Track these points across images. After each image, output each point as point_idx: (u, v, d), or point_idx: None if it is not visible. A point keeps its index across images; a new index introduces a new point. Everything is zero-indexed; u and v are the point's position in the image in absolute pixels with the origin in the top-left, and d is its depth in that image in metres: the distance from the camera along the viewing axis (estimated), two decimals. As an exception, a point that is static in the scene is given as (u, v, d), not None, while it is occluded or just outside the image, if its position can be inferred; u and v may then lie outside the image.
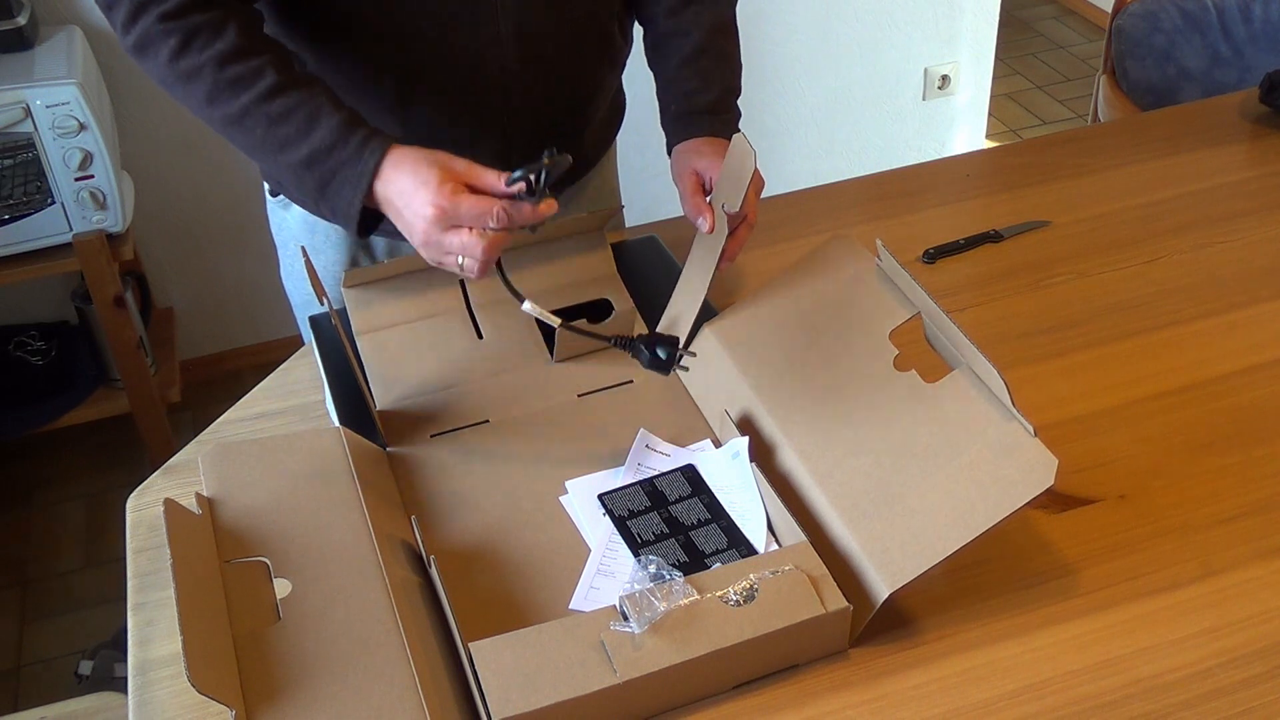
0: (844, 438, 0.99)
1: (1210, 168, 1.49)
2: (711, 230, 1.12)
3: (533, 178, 0.93)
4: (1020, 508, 0.87)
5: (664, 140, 1.25)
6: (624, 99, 1.40)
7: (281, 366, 1.23)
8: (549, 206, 0.94)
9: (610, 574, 0.95)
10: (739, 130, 1.11)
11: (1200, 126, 1.58)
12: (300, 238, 1.30)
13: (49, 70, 2.00)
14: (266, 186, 1.32)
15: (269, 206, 1.34)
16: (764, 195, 1.48)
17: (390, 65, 1.13)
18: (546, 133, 1.22)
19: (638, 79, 1.37)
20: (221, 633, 0.86)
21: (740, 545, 0.97)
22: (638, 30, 1.30)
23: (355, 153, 0.98)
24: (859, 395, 1.01)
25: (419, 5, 1.09)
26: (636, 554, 0.96)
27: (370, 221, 1.01)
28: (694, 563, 0.96)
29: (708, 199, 1.14)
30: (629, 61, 1.35)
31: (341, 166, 0.98)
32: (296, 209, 1.29)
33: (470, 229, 0.94)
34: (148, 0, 0.99)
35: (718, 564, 0.94)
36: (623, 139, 1.43)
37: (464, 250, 0.95)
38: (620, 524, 0.99)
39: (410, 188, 0.95)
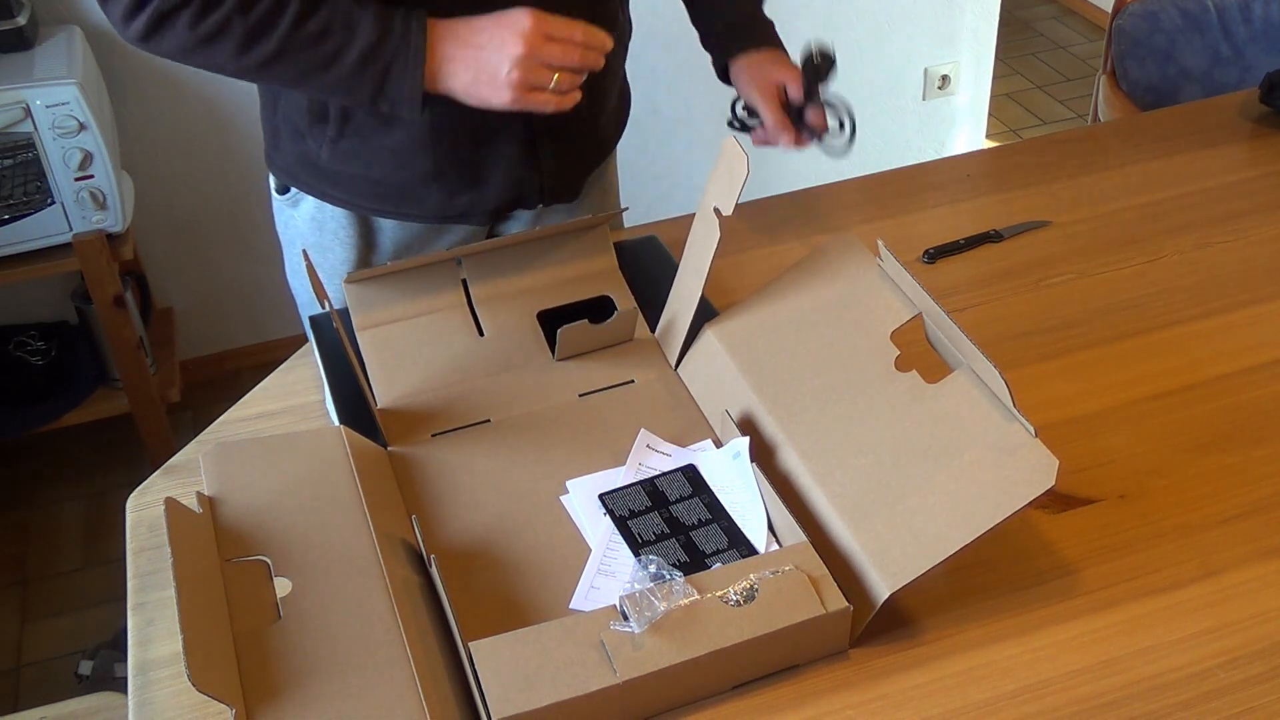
0: (845, 438, 0.99)
1: (1210, 168, 1.49)
2: (791, 144, 1.25)
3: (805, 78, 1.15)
4: (1021, 508, 0.87)
5: (666, 141, 1.25)
6: (629, 92, 1.40)
7: (281, 366, 1.23)
8: (609, 40, 1.06)
9: (610, 574, 0.96)
10: (732, 138, 1.13)
11: (1200, 126, 1.58)
12: (307, 236, 1.30)
13: (49, 70, 2.00)
14: (273, 185, 1.31)
15: (275, 205, 1.33)
16: (764, 195, 1.49)
17: None
18: (569, 116, 1.22)
19: (636, 78, 1.37)
20: (222, 632, 0.86)
21: (740, 545, 0.97)
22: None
23: (402, 39, 1.03)
24: (860, 395, 1.01)
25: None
26: (637, 554, 0.96)
27: (428, 101, 1.07)
28: (694, 563, 0.96)
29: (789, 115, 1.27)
30: (626, 61, 1.35)
31: (395, 57, 1.03)
32: (304, 206, 1.29)
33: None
34: None
35: (718, 564, 0.94)
36: (623, 139, 1.43)
37: (564, 58, 1.03)
38: (621, 524, 0.99)
39: (492, 22, 1.03)
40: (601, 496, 1.02)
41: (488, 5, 1.08)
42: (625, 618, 0.86)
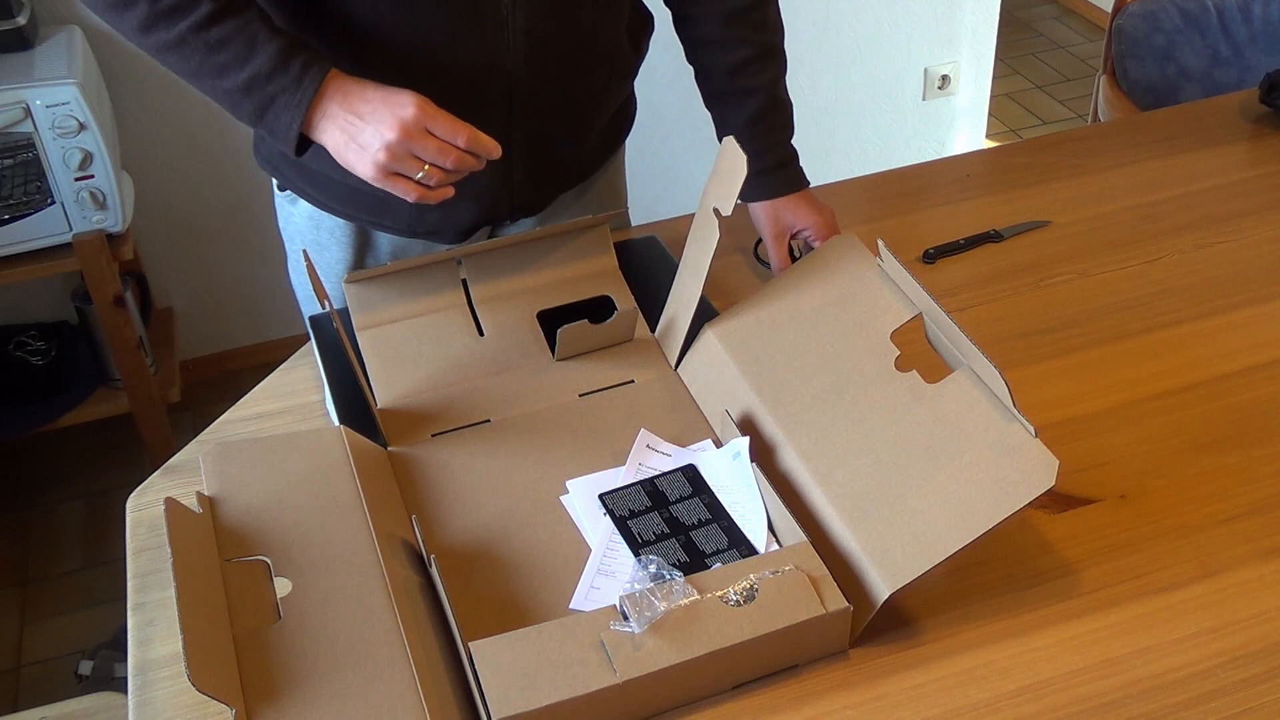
0: (845, 438, 0.99)
1: (1210, 168, 1.49)
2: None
3: None
4: (1021, 508, 0.87)
5: (666, 141, 1.25)
6: (634, 106, 1.39)
7: (281, 366, 1.23)
8: (497, 149, 1.03)
9: (610, 574, 0.96)
10: (732, 139, 1.12)
11: (1200, 126, 1.58)
12: (305, 234, 1.30)
13: (49, 70, 2.00)
14: (275, 182, 1.31)
15: (276, 201, 1.33)
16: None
17: (396, 75, 1.13)
18: (548, 141, 1.22)
19: (636, 78, 1.37)
20: (222, 632, 0.86)
21: (741, 545, 0.97)
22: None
23: (295, 80, 1.01)
24: (860, 395, 1.01)
25: (426, 17, 1.09)
26: (637, 554, 0.96)
27: (305, 144, 1.06)
28: (694, 562, 0.96)
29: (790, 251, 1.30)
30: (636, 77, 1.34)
31: (281, 93, 1.02)
32: (303, 205, 1.29)
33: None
34: None
35: (718, 564, 0.94)
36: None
37: (436, 156, 1.01)
38: (621, 524, 0.99)
39: (383, 94, 1.01)
40: (601, 496, 1.02)
41: (387, 66, 1.07)
42: (625, 618, 0.86)
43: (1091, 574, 0.96)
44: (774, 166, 1.30)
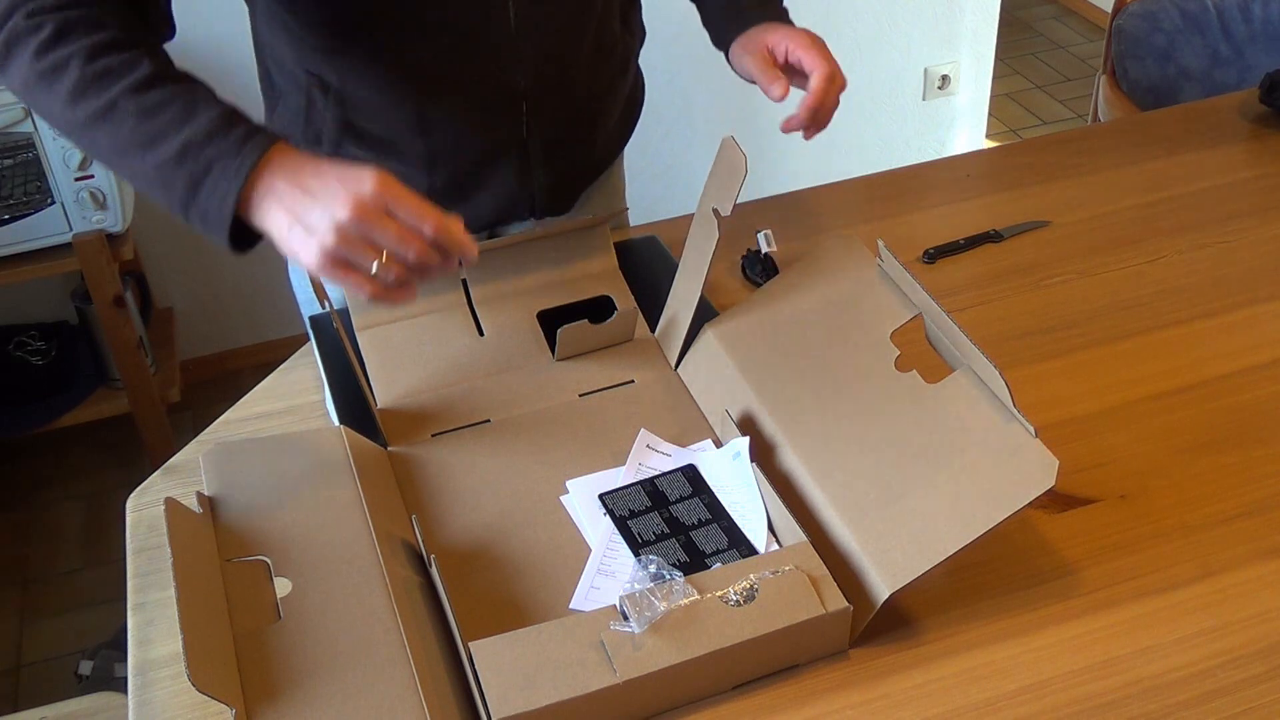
0: (845, 438, 0.99)
1: (1210, 168, 1.49)
2: (782, 97, 1.15)
3: None
4: (1021, 508, 0.87)
5: (666, 141, 1.25)
6: (642, 87, 1.38)
7: (281, 366, 1.23)
8: (473, 250, 0.87)
9: (610, 574, 0.95)
10: (730, 138, 1.10)
11: (1200, 126, 1.58)
12: None
13: (49, 70, 2.00)
14: None
15: None
16: (764, 196, 1.49)
17: (408, 96, 1.13)
18: (565, 143, 1.22)
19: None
20: (222, 631, 0.86)
21: (741, 545, 0.97)
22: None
23: (235, 144, 0.86)
24: (860, 395, 1.01)
25: (434, 41, 1.09)
26: (637, 554, 0.96)
27: (244, 236, 0.90)
28: (694, 562, 0.96)
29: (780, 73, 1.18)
30: (635, 68, 1.34)
31: (220, 157, 0.86)
32: None
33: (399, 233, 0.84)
34: (10, 8, 0.89)
35: (718, 564, 0.94)
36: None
37: (397, 243, 0.83)
38: (621, 524, 0.99)
39: (336, 172, 0.85)
40: (601, 496, 1.02)
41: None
42: (625, 618, 0.86)
43: (1091, 574, 0.96)
44: (754, 4, 1.20)
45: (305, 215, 0.84)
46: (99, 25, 0.89)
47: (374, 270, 0.84)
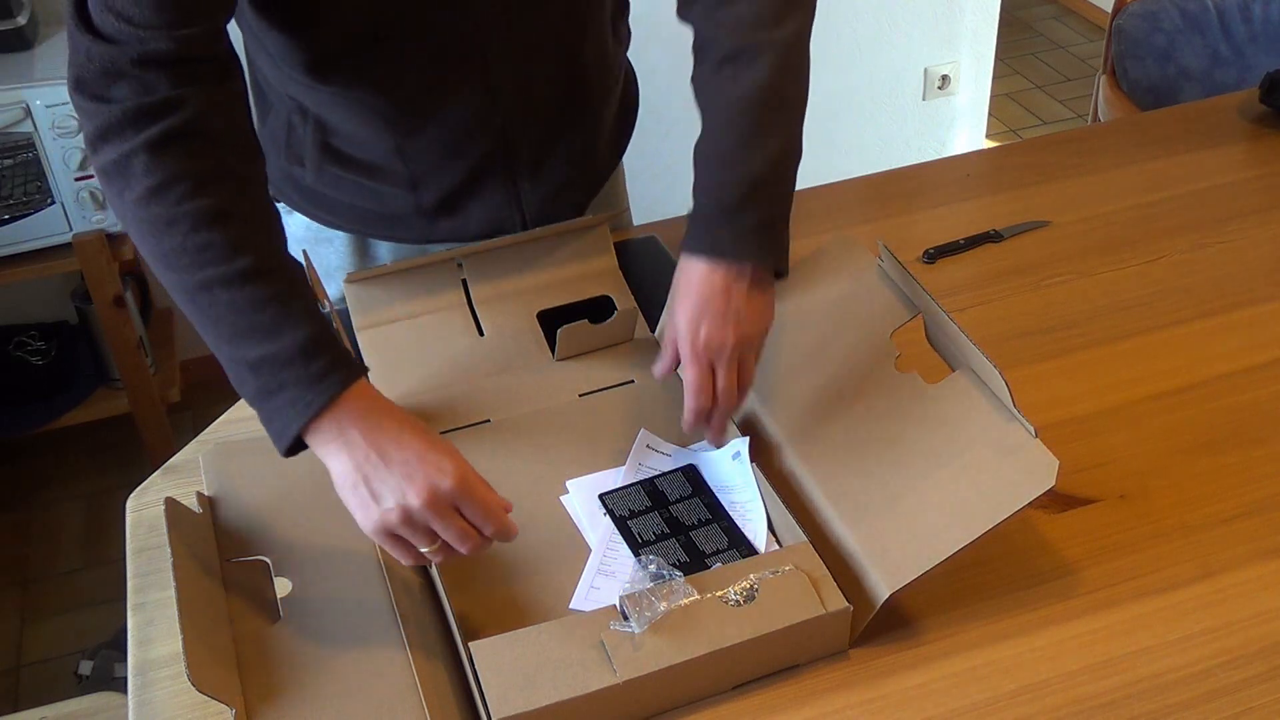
0: (845, 438, 0.99)
1: (1210, 168, 1.49)
2: (659, 378, 1.02)
3: None
4: (1021, 508, 0.87)
5: (666, 141, 1.23)
6: (634, 101, 1.36)
7: (282, 366, 1.22)
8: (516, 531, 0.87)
9: (610, 574, 0.95)
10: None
11: (1200, 126, 1.58)
12: (303, 240, 1.29)
13: (49, 70, 2.00)
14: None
15: None
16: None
17: (386, 130, 1.11)
18: (553, 163, 1.20)
19: (637, 80, 1.36)
20: (222, 631, 0.86)
21: (740, 545, 0.97)
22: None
23: (313, 379, 0.84)
24: (860, 396, 1.01)
25: (410, 81, 1.07)
26: (637, 554, 0.96)
27: (302, 447, 0.87)
28: (694, 562, 0.96)
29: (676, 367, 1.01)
30: (628, 56, 1.33)
31: (294, 384, 0.84)
32: (299, 215, 1.28)
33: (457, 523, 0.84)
34: (124, 120, 0.85)
35: (718, 564, 0.94)
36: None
37: (459, 539, 0.84)
38: (621, 524, 0.99)
39: (421, 447, 0.84)
40: (601, 496, 1.02)
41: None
42: (625, 618, 0.86)
43: (1091, 574, 0.96)
44: (726, 209, 0.95)
45: (375, 483, 0.83)
46: (208, 179, 0.86)
47: (426, 551, 0.85)
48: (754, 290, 0.95)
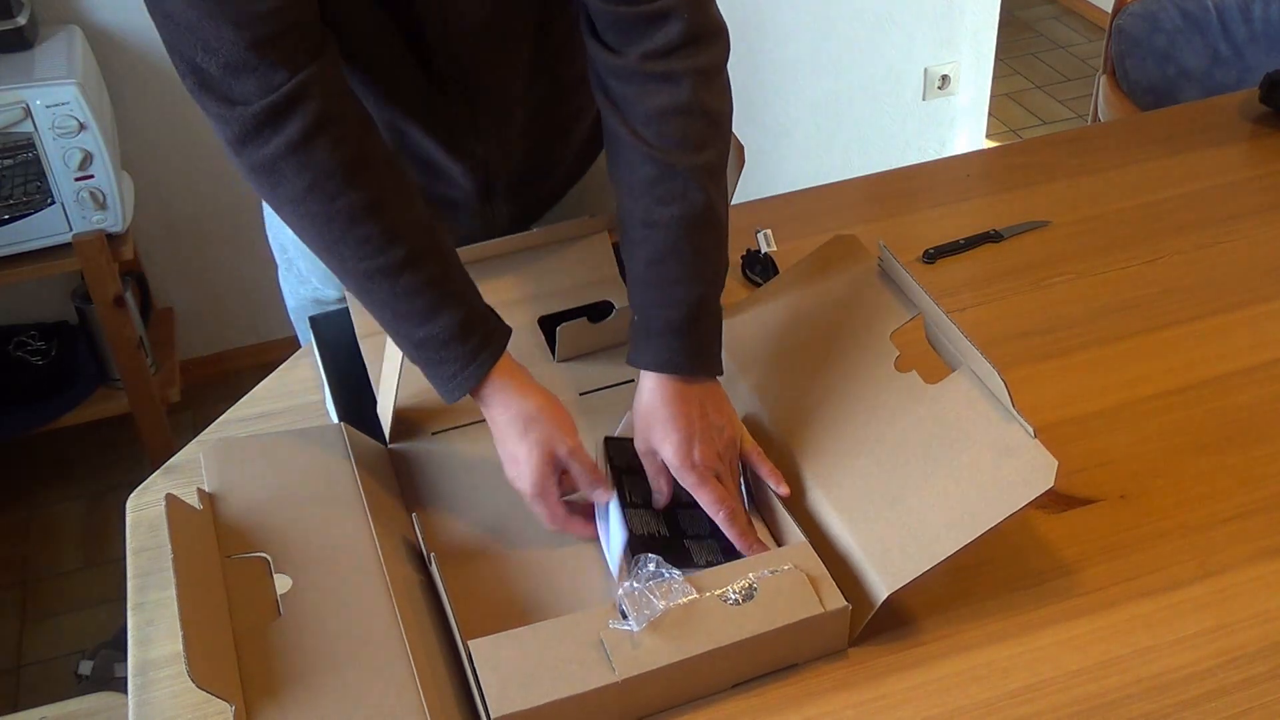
0: (844, 438, 0.99)
1: (1210, 168, 1.49)
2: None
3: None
4: (1021, 508, 0.87)
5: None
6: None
7: (281, 366, 1.23)
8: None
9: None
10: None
11: (1200, 126, 1.58)
12: (300, 243, 1.29)
13: (49, 70, 2.00)
14: None
15: (265, 212, 1.33)
16: (764, 196, 1.49)
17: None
18: (529, 182, 1.21)
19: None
20: (222, 628, 0.86)
21: (719, 536, 0.97)
22: None
23: (468, 356, 0.96)
24: (860, 396, 1.01)
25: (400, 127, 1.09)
26: (625, 515, 0.97)
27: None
28: (673, 539, 0.96)
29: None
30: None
31: (452, 360, 0.96)
32: None
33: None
34: (258, 123, 0.91)
35: (695, 548, 0.95)
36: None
37: (547, 521, 0.97)
38: (617, 475, 1.00)
39: (511, 449, 0.97)
40: (607, 440, 1.03)
41: None
42: (624, 616, 0.86)
43: (1091, 574, 0.96)
44: (678, 327, 0.98)
45: (511, 453, 0.97)
46: (355, 172, 0.91)
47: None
48: (717, 397, 1.00)
